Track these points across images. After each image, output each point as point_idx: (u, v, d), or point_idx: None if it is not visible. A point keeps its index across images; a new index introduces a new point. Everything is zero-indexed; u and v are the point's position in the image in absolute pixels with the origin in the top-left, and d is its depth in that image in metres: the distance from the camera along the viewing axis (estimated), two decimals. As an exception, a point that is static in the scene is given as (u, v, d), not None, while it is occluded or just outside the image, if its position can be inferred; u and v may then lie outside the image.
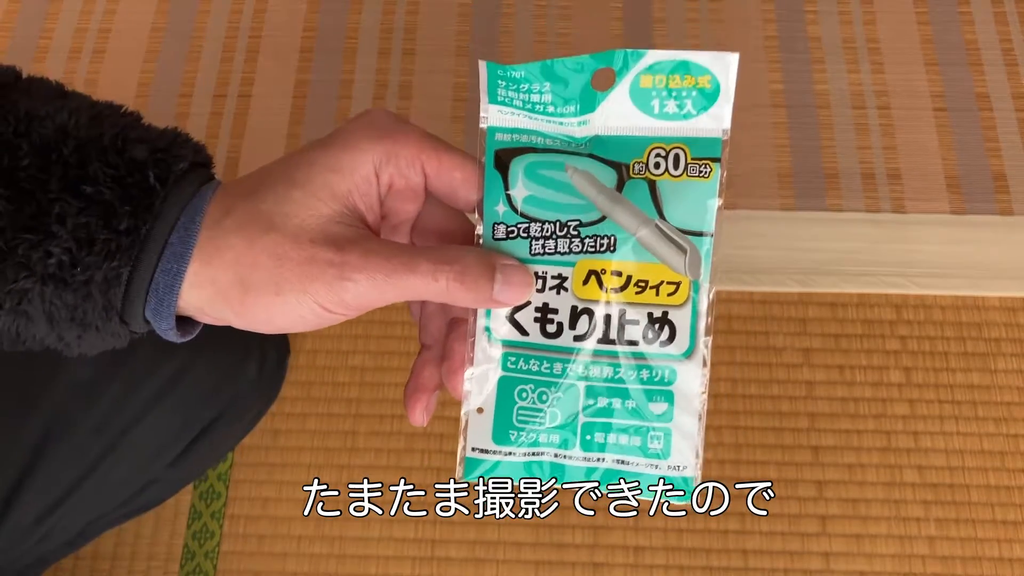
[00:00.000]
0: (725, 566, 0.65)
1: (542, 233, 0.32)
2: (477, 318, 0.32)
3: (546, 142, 0.32)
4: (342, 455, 0.69)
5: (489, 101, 0.32)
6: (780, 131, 0.79)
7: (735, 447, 0.68)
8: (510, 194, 0.32)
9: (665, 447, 0.32)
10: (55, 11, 0.86)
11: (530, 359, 0.32)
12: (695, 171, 0.31)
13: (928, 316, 0.72)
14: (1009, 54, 0.81)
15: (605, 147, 0.32)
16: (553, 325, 0.32)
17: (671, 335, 0.32)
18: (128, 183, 0.28)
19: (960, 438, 0.68)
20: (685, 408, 0.32)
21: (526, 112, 0.32)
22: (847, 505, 0.66)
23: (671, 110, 0.31)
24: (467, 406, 0.32)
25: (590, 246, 0.31)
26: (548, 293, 0.32)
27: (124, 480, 0.55)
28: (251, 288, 0.29)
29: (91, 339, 0.30)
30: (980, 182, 0.76)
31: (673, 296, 0.31)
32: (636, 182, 0.31)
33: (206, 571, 0.66)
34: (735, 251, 0.74)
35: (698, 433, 0.32)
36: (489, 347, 0.32)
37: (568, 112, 0.32)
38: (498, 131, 0.32)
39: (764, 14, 0.84)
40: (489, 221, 0.32)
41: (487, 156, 0.32)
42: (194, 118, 0.80)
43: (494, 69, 0.31)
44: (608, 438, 0.32)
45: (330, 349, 0.72)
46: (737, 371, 0.70)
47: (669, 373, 0.32)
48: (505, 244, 0.32)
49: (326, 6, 0.86)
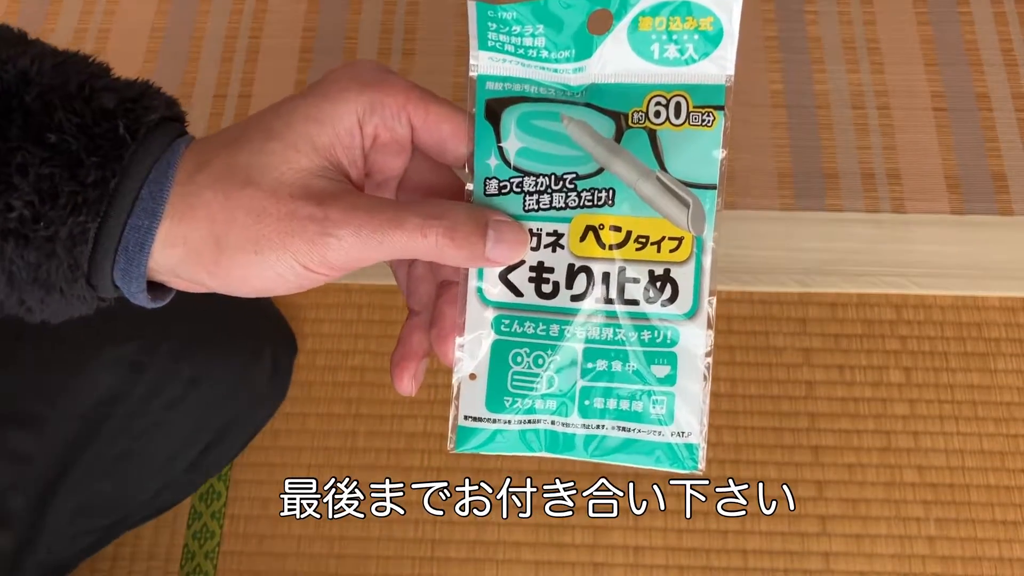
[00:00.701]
0: (725, 566, 0.65)
1: (536, 187, 0.30)
2: (468, 279, 0.30)
3: (540, 91, 0.30)
4: (342, 455, 0.69)
5: (479, 47, 0.30)
6: (780, 131, 0.79)
7: (735, 447, 0.68)
8: (502, 146, 0.30)
9: (668, 412, 0.30)
10: (55, 11, 0.86)
11: (525, 321, 0.30)
12: (697, 120, 0.29)
13: (928, 316, 0.72)
14: (1009, 54, 0.81)
15: (602, 95, 0.30)
16: (549, 285, 0.30)
17: (673, 294, 0.30)
18: (95, 133, 0.27)
19: (960, 438, 0.68)
20: (689, 371, 0.30)
21: (518, 58, 0.30)
22: (847, 505, 0.66)
23: (671, 55, 0.29)
24: (459, 372, 0.31)
25: (587, 200, 0.30)
26: (543, 251, 0.30)
27: (142, 484, 0.55)
28: (227, 246, 0.27)
29: (55, 304, 0.28)
30: (980, 182, 0.76)
31: (675, 252, 0.30)
32: (635, 132, 0.30)
33: (206, 571, 0.66)
34: (735, 251, 0.74)
35: (703, 397, 0.30)
36: (482, 310, 0.30)
37: (563, 58, 0.30)
38: (489, 79, 0.30)
39: (764, 14, 0.84)
40: (480, 175, 0.30)
41: (477, 106, 0.30)
42: (194, 118, 0.80)
43: (484, 10, 0.29)
44: (608, 403, 0.30)
45: (330, 349, 0.72)
46: (737, 371, 0.70)
47: (672, 334, 0.30)
48: (497, 200, 0.30)
49: (326, 6, 0.86)
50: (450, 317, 0.31)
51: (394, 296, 0.73)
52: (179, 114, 0.30)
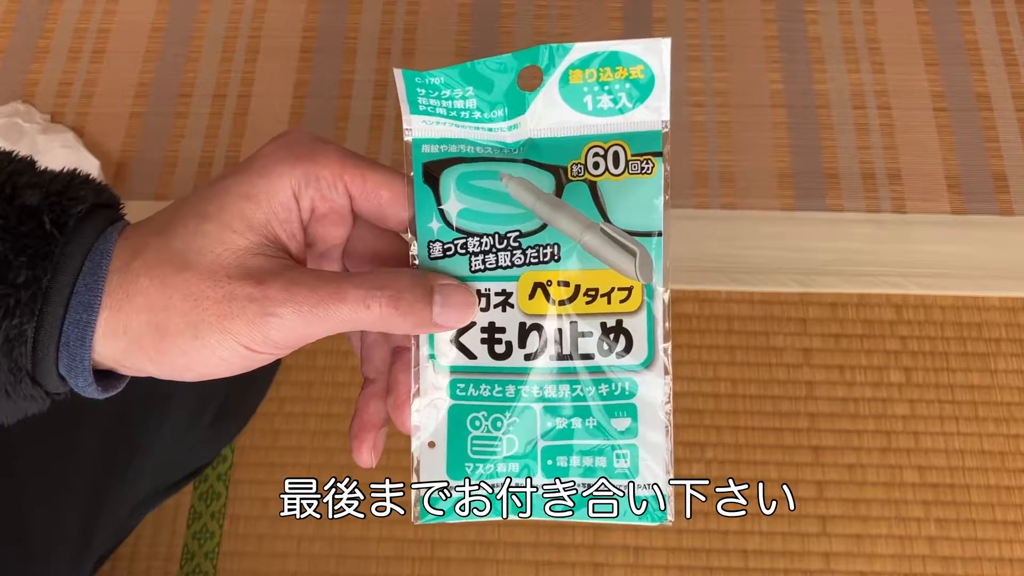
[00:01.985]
0: (725, 566, 0.65)
1: (481, 248, 0.30)
2: (420, 345, 0.30)
3: (477, 150, 0.30)
4: (342, 455, 0.69)
5: (411, 112, 0.30)
6: (780, 131, 0.79)
7: (735, 447, 0.68)
8: (443, 209, 0.30)
9: (632, 465, 0.30)
10: (55, 11, 0.86)
11: (480, 384, 0.30)
12: (637, 168, 0.29)
13: (928, 316, 0.72)
14: (1009, 54, 0.81)
15: (539, 151, 0.30)
16: (502, 345, 0.30)
17: (628, 345, 0.30)
18: (21, 232, 0.26)
19: (960, 438, 0.68)
20: (650, 421, 0.30)
21: (452, 120, 0.30)
22: (847, 505, 0.66)
23: (605, 105, 0.29)
24: (417, 441, 0.30)
25: (533, 257, 0.29)
26: (493, 311, 0.30)
27: (177, 443, 0.55)
28: (167, 333, 0.26)
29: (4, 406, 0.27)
30: (980, 182, 0.76)
31: (626, 303, 0.30)
32: (576, 185, 0.29)
33: (206, 571, 0.66)
34: (735, 251, 0.74)
35: (666, 446, 0.30)
36: (435, 375, 0.30)
37: (496, 116, 0.30)
38: (424, 142, 0.30)
39: (764, 14, 0.83)
40: (423, 239, 0.30)
41: (415, 170, 0.30)
42: (194, 118, 0.80)
43: (411, 77, 0.29)
44: (571, 460, 0.30)
45: (330, 349, 0.72)
46: (737, 371, 0.70)
47: (629, 385, 0.30)
48: (442, 263, 0.30)
49: (326, 6, 0.85)
50: (405, 384, 0.30)
51: (394, 296, 0.74)
52: (111, 199, 0.29)
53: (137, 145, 0.80)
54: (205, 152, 0.79)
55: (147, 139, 0.80)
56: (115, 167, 0.79)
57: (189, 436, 0.57)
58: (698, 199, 0.75)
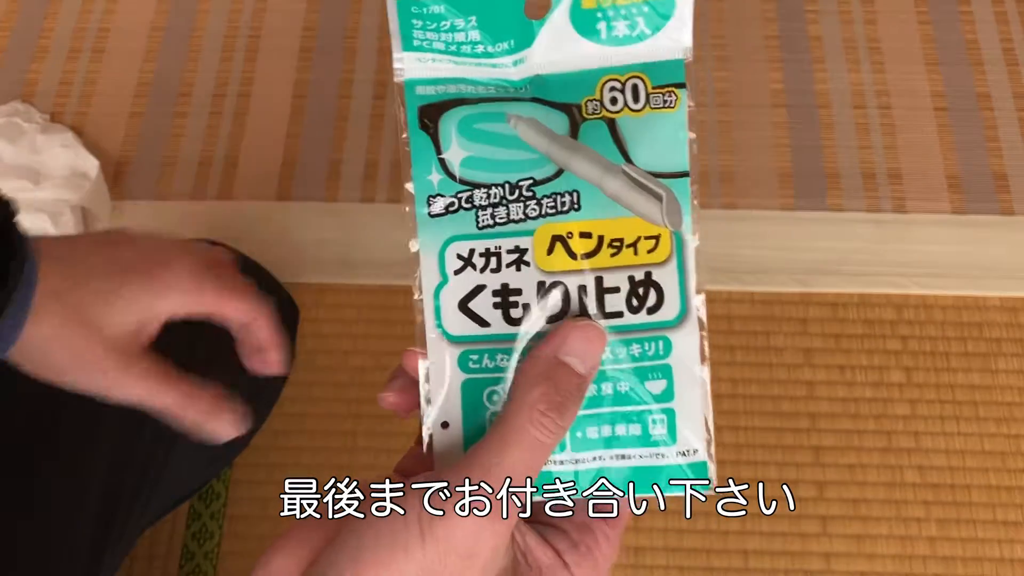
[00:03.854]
0: (726, 567, 0.65)
1: (489, 200, 0.26)
2: (424, 314, 0.27)
3: (479, 90, 0.27)
4: (342, 455, 0.69)
5: (404, 48, 0.26)
6: (780, 131, 0.79)
7: (735, 447, 0.68)
8: (444, 158, 0.27)
9: (669, 431, 0.27)
10: (55, 11, 0.86)
11: (496, 353, 0.27)
12: (658, 102, 0.26)
13: (929, 316, 0.72)
14: (1010, 53, 0.81)
15: (550, 87, 0.27)
16: (518, 308, 0.27)
17: (658, 299, 0.27)
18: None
19: (961, 438, 0.68)
20: (686, 382, 0.27)
21: (450, 56, 0.26)
22: (848, 505, 0.66)
23: (621, 32, 0.26)
24: (428, 421, 0.27)
25: (550, 207, 0.26)
26: (506, 271, 0.27)
27: (193, 460, 0.55)
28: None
29: None
30: (981, 182, 0.76)
31: (654, 253, 0.27)
32: (592, 124, 0.26)
33: (205, 572, 0.65)
34: (735, 251, 0.74)
35: (705, 408, 0.27)
36: (444, 347, 0.27)
37: (501, 50, 0.26)
38: (419, 84, 0.27)
39: (765, 13, 0.83)
40: (422, 194, 0.27)
41: (409, 117, 0.27)
42: (194, 118, 0.80)
43: (407, 5, 0.26)
44: (602, 431, 0.27)
45: (330, 349, 0.72)
46: (737, 371, 0.70)
47: (663, 344, 0.27)
48: (445, 220, 0.27)
49: (326, 6, 0.85)
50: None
51: (394, 296, 0.73)
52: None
53: (136, 145, 0.80)
54: (205, 152, 0.79)
55: (147, 139, 0.80)
56: (114, 167, 0.79)
57: (204, 454, 0.57)
58: (698, 199, 0.75)
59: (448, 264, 0.27)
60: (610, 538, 0.28)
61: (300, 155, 0.79)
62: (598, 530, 0.28)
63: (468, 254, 0.27)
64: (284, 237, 0.75)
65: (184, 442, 0.52)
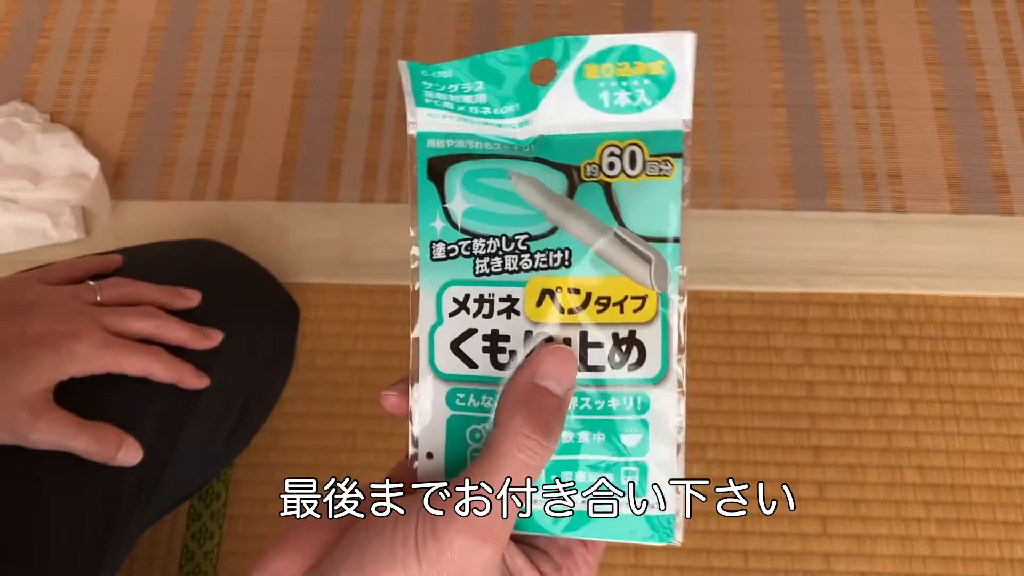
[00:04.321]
0: (726, 567, 0.65)
1: (487, 250, 0.28)
2: (419, 351, 0.29)
3: (485, 146, 0.28)
4: (342, 455, 0.69)
5: (416, 104, 0.28)
6: (780, 131, 0.79)
7: (735, 447, 0.68)
8: (447, 208, 0.28)
9: (641, 483, 0.28)
10: (54, 11, 0.86)
11: (481, 395, 0.28)
12: (655, 169, 0.27)
13: (929, 316, 0.72)
14: (1010, 53, 0.81)
15: (552, 149, 0.28)
16: (505, 354, 0.28)
17: (640, 357, 0.28)
18: None
19: (961, 438, 0.68)
20: (661, 438, 0.28)
21: (459, 115, 0.28)
22: (848, 505, 0.66)
23: (623, 102, 0.27)
24: (414, 449, 0.29)
25: (542, 262, 0.28)
26: (497, 318, 0.28)
27: (194, 460, 0.56)
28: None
29: None
30: (981, 182, 0.76)
31: (639, 312, 0.28)
32: (589, 186, 0.28)
33: (205, 571, 0.65)
34: (735, 251, 0.74)
35: (677, 465, 0.28)
36: (434, 384, 0.29)
37: (507, 112, 0.28)
38: (430, 137, 0.29)
39: (765, 13, 0.83)
40: (425, 239, 0.28)
41: (419, 166, 0.29)
42: (194, 118, 0.80)
43: (417, 69, 0.27)
44: (576, 476, 0.28)
45: (330, 349, 0.72)
46: (737, 371, 0.70)
47: (641, 400, 0.28)
48: (445, 264, 0.28)
49: (326, 6, 0.85)
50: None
51: (394, 296, 0.73)
52: None
53: (136, 145, 0.80)
54: (204, 152, 0.79)
55: (146, 139, 0.80)
56: (114, 167, 0.79)
57: (205, 454, 0.57)
58: (698, 199, 0.75)
59: (444, 306, 0.29)
60: (589, 563, 0.30)
61: (300, 155, 0.79)
62: (578, 555, 0.30)
63: (463, 299, 0.29)
64: (284, 237, 0.75)
65: (185, 443, 0.52)
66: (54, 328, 0.45)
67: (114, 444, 0.46)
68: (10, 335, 0.44)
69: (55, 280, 0.50)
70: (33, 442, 0.43)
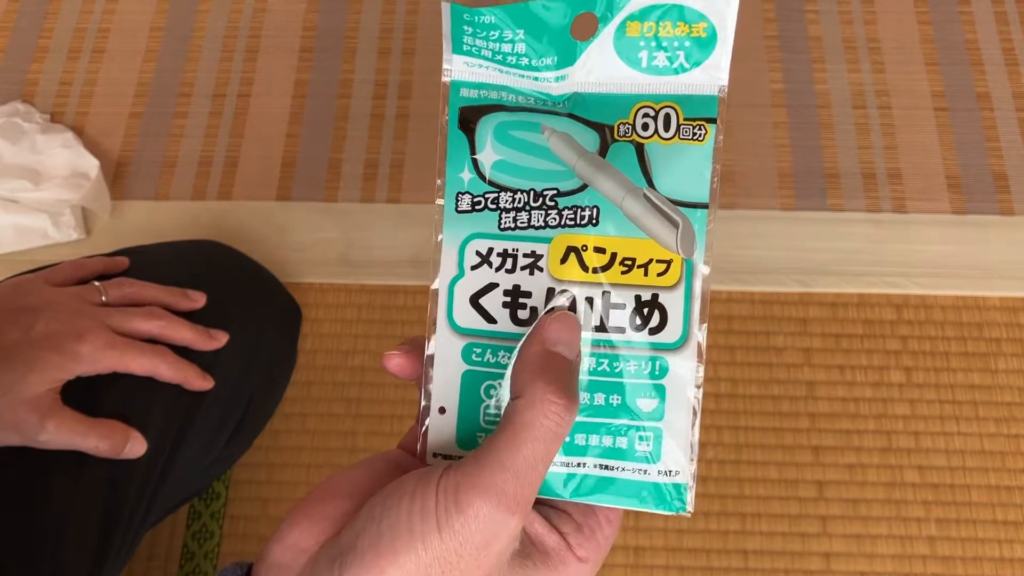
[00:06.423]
0: (726, 566, 0.65)
1: (513, 204, 0.28)
2: (437, 302, 0.28)
3: (519, 99, 0.28)
4: (342, 455, 0.69)
5: (453, 51, 0.28)
6: (780, 131, 0.79)
7: (735, 447, 0.68)
8: (477, 159, 0.28)
9: (655, 449, 0.27)
10: (54, 11, 0.86)
11: (499, 350, 0.28)
12: (688, 133, 0.27)
13: (929, 316, 0.72)
14: (1010, 53, 0.81)
15: (586, 106, 0.28)
16: (525, 311, 0.28)
17: (661, 321, 0.27)
18: None
19: (961, 438, 0.68)
20: (678, 405, 0.27)
21: (496, 65, 0.28)
22: (848, 505, 0.66)
23: (661, 63, 0.27)
24: (425, 402, 0.28)
25: (569, 219, 0.27)
26: (519, 273, 0.28)
27: (197, 461, 0.56)
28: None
29: None
30: (981, 182, 0.76)
31: (663, 276, 0.27)
32: (622, 145, 0.27)
33: (205, 571, 0.65)
34: (735, 251, 0.74)
35: (692, 433, 0.28)
36: (451, 338, 0.28)
37: (545, 65, 0.28)
38: (463, 86, 0.28)
39: (764, 13, 0.83)
40: (452, 190, 0.28)
41: (450, 115, 0.28)
42: (193, 118, 0.80)
43: (459, 12, 0.27)
44: (590, 439, 0.28)
45: (330, 349, 0.72)
46: (737, 371, 0.70)
47: (660, 365, 0.28)
48: (469, 217, 0.28)
49: (326, 6, 0.85)
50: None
51: (394, 296, 0.73)
52: None
53: (136, 145, 0.80)
54: (204, 152, 0.79)
55: (146, 139, 0.80)
56: (114, 167, 0.79)
57: (207, 455, 0.57)
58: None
59: (467, 259, 0.28)
60: (612, 520, 0.29)
61: (300, 155, 0.79)
62: (600, 513, 0.29)
63: (487, 252, 0.28)
64: (284, 237, 0.75)
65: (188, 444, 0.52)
66: (58, 329, 0.45)
67: (121, 440, 0.46)
68: (15, 338, 0.44)
69: (61, 281, 0.50)
70: (42, 443, 0.43)
